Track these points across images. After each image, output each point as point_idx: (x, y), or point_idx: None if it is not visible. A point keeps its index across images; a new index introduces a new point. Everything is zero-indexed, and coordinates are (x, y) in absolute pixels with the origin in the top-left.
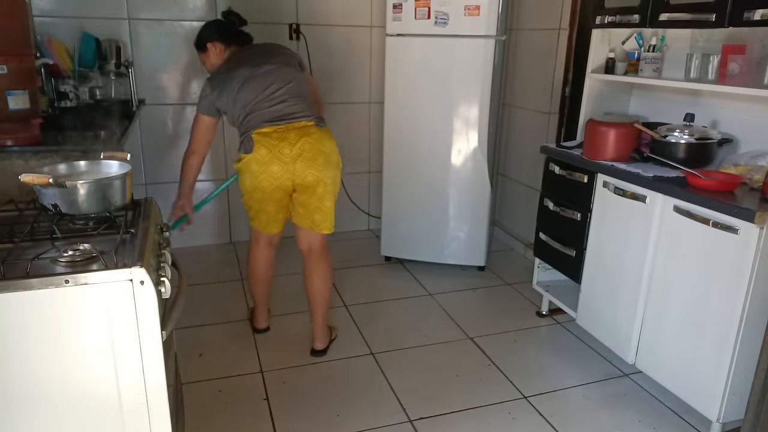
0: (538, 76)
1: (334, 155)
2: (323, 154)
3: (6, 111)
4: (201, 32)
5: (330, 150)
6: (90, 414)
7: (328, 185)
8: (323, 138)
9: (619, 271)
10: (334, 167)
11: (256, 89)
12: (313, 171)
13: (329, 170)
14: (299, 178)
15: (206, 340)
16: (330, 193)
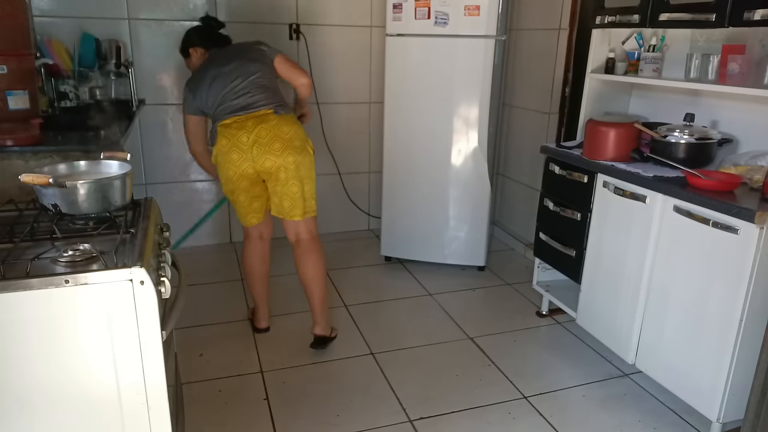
0: (538, 76)
1: (296, 140)
2: (281, 140)
3: (6, 111)
4: (183, 39)
5: (290, 135)
6: (90, 414)
7: (291, 170)
8: (281, 123)
9: (619, 271)
10: (297, 151)
11: (222, 85)
12: (271, 157)
13: (290, 155)
14: (259, 165)
15: (206, 340)
16: (295, 178)
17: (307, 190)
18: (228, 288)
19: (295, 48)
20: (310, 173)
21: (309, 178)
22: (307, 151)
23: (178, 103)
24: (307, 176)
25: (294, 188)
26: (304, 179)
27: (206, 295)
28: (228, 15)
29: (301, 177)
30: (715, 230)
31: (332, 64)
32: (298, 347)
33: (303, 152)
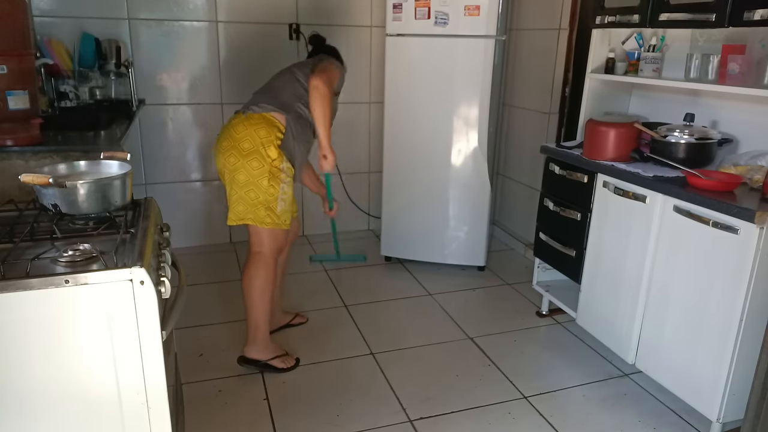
0: (538, 76)
1: (245, 141)
2: (230, 139)
3: (6, 111)
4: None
5: (241, 136)
6: (90, 414)
7: (230, 172)
8: (238, 123)
9: (619, 271)
10: (242, 154)
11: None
12: (220, 156)
13: (232, 156)
14: (216, 163)
15: (206, 340)
16: (232, 182)
17: (243, 196)
18: (228, 288)
19: (295, 48)
20: (256, 180)
21: (254, 184)
22: (262, 155)
23: (178, 103)
24: (250, 182)
25: (230, 191)
26: (245, 184)
27: (206, 295)
28: (228, 15)
29: (239, 183)
30: (715, 230)
31: None
32: (298, 347)
33: (251, 155)
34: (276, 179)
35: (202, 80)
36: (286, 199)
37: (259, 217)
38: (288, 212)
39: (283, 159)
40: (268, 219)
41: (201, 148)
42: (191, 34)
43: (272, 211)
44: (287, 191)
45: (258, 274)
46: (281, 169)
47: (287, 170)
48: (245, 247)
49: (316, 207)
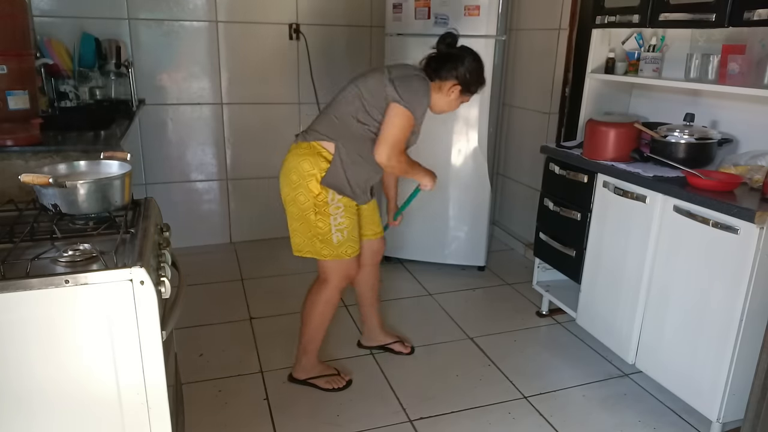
0: (538, 76)
1: (293, 173)
2: (284, 169)
3: (6, 111)
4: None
5: (290, 166)
6: (90, 414)
7: (285, 203)
8: (291, 153)
9: (619, 271)
10: (292, 187)
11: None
12: (280, 184)
13: (286, 187)
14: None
15: (206, 340)
16: (288, 213)
17: (299, 228)
18: (228, 288)
19: (295, 48)
20: (304, 214)
21: (304, 219)
22: (306, 188)
23: (178, 103)
24: (300, 216)
25: (289, 221)
26: (298, 217)
27: (206, 295)
28: (228, 15)
29: (294, 214)
30: (715, 230)
31: (332, 64)
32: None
33: (297, 188)
34: (323, 213)
35: (202, 80)
36: (344, 230)
37: (316, 249)
38: (350, 241)
39: (327, 192)
40: (325, 251)
41: (201, 148)
42: (191, 34)
43: (328, 243)
44: (342, 222)
45: (319, 301)
46: (328, 202)
47: (338, 201)
48: (245, 247)
49: None
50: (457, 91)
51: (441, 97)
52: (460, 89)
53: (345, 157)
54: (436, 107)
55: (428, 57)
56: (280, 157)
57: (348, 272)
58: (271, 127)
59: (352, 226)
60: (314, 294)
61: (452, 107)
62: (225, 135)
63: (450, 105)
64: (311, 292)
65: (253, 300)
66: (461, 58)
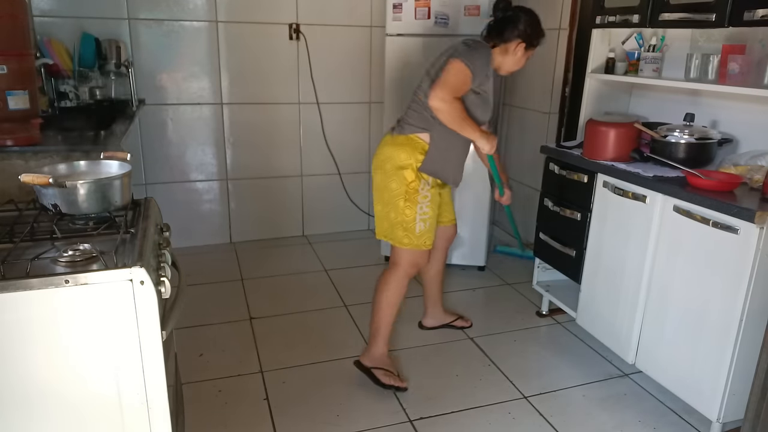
0: (538, 76)
1: (388, 162)
2: (378, 159)
3: (6, 111)
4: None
5: (385, 156)
6: (90, 414)
7: (377, 190)
8: (386, 144)
9: (619, 271)
10: (386, 174)
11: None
12: (373, 173)
13: (378, 175)
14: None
15: (206, 340)
16: (379, 199)
17: (386, 214)
18: (228, 288)
19: (295, 48)
20: (394, 200)
21: (393, 204)
22: (401, 177)
23: (178, 103)
24: (390, 202)
25: (377, 207)
26: (387, 203)
27: (206, 295)
28: (228, 15)
29: (381, 200)
30: (715, 230)
31: (332, 64)
32: (298, 347)
33: (391, 176)
34: (412, 201)
35: (202, 80)
36: (427, 219)
37: (398, 237)
38: (430, 232)
39: (420, 180)
40: (406, 240)
41: (201, 148)
42: (191, 34)
43: (410, 232)
44: (428, 211)
45: (389, 286)
46: (419, 189)
47: (429, 190)
48: (245, 247)
49: (315, 207)
50: (522, 48)
51: (509, 58)
52: (524, 45)
53: (441, 144)
54: (506, 67)
55: (488, 25)
56: (281, 156)
57: (419, 262)
58: (272, 127)
59: (434, 218)
60: (384, 279)
61: (520, 64)
62: (225, 135)
63: (518, 62)
64: (382, 277)
65: (253, 300)
66: (518, 18)
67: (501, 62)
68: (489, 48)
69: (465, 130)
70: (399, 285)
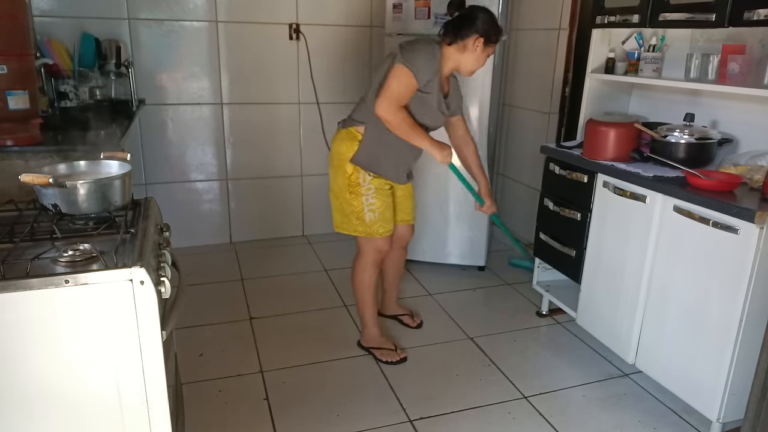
0: (538, 76)
1: (334, 157)
2: (330, 155)
3: (6, 111)
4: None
5: (332, 151)
6: (90, 414)
7: (330, 182)
8: (333, 140)
9: (619, 271)
10: (333, 169)
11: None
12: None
13: (330, 169)
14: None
15: (206, 340)
16: (330, 192)
17: (339, 206)
18: (228, 288)
19: (295, 48)
20: (342, 192)
21: (342, 197)
22: (342, 170)
23: (178, 103)
24: (339, 195)
25: (332, 200)
26: (338, 195)
27: (206, 295)
28: (228, 15)
29: (335, 192)
30: (715, 230)
31: (332, 64)
32: (298, 347)
33: (337, 170)
34: (356, 193)
35: (202, 80)
36: (375, 210)
37: (353, 226)
38: (382, 221)
39: (359, 173)
40: (360, 228)
41: (201, 148)
42: (191, 34)
43: (362, 221)
44: (374, 202)
45: (358, 272)
46: (360, 182)
47: (370, 182)
48: (245, 247)
49: (315, 207)
50: (480, 43)
51: (468, 55)
52: (483, 41)
53: (374, 137)
54: (466, 66)
55: (444, 25)
56: (281, 156)
57: (380, 247)
58: (272, 127)
59: (384, 207)
60: (354, 267)
61: (481, 62)
62: (225, 135)
63: (479, 60)
64: (354, 266)
65: (253, 300)
66: (475, 15)
67: (460, 60)
68: (434, 43)
69: (414, 140)
70: (367, 270)
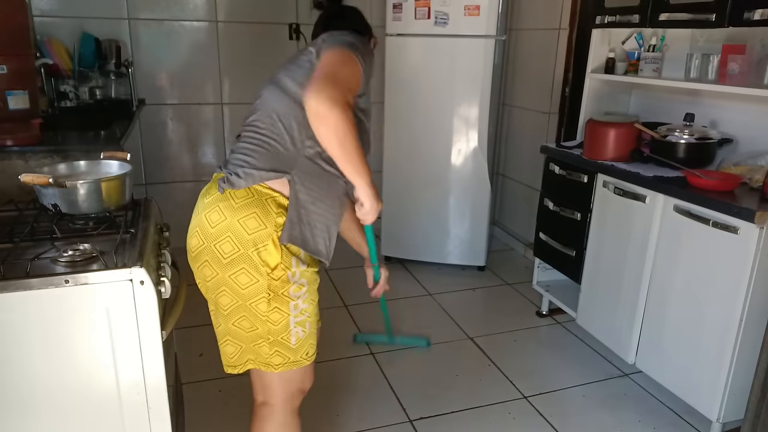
0: (538, 76)
1: (224, 242)
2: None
3: (6, 111)
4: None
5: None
6: (90, 414)
7: (208, 291)
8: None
9: (619, 271)
10: (221, 265)
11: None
12: (192, 262)
13: (207, 267)
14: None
15: (206, 340)
16: (215, 308)
17: (235, 331)
18: None
19: (295, 48)
20: (250, 303)
21: (248, 311)
22: (255, 262)
23: (178, 103)
24: (242, 308)
25: (214, 321)
26: (236, 311)
27: None
28: (228, 15)
29: (226, 309)
30: (715, 230)
31: None
32: None
33: (235, 266)
34: (280, 298)
35: (202, 80)
36: (305, 322)
37: (262, 357)
38: (311, 338)
39: (291, 260)
40: (278, 359)
41: (201, 148)
42: (191, 34)
43: (282, 345)
44: (305, 309)
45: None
46: (289, 279)
47: (300, 276)
48: None
49: None
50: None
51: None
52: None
53: (308, 190)
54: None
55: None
56: None
57: (303, 385)
58: None
59: (314, 316)
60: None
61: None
62: (225, 135)
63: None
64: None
65: None
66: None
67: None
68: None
69: (353, 162)
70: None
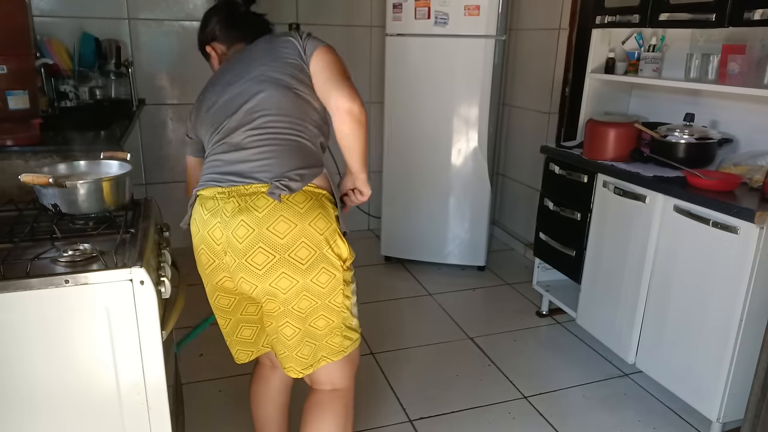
0: (538, 76)
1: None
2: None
3: (6, 111)
4: (200, 29)
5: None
6: (90, 414)
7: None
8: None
9: (619, 271)
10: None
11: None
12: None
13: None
14: (236, 282)
15: (206, 340)
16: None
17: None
18: None
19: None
20: (329, 300)
21: (327, 308)
22: (331, 258)
23: (178, 103)
24: (321, 307)
25: (288, 330)
26: (314, 311)
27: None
28: None
29: (305, 312)
30: (715, 230)
31: None
32: None
33: (317, 266)
34: (349, 286)
35: (202, 80)
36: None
37: (335, 348)
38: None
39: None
40: (347, 342)
41: None
42: (191, 34)
43: (349, 329)
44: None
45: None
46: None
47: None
48: None
49: None
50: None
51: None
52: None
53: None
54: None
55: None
56: None
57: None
58: None
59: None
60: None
61: None
62: None
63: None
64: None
65: None
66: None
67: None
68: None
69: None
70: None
